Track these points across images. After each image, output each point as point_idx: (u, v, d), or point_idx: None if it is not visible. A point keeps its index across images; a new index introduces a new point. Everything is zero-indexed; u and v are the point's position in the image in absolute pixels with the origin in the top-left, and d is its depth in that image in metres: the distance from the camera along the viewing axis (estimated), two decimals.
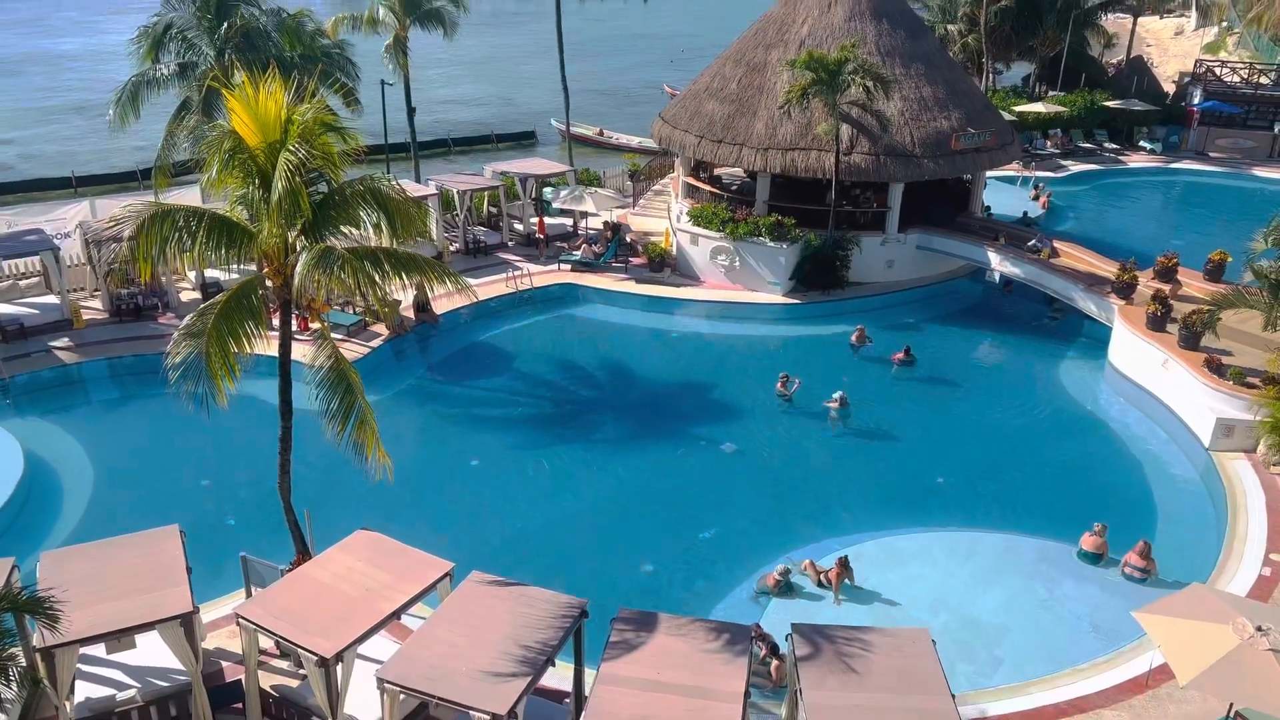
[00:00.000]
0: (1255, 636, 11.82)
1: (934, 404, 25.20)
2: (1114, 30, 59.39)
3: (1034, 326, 29.67)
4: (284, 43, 28.39)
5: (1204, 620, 12.39)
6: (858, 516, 20.11)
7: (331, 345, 14.94)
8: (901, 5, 34.70)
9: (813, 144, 30.34)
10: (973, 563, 18.45)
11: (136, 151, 45.94)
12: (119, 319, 27.01)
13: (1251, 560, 17.66)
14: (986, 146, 31.86)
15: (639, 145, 50.93)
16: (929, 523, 19.81)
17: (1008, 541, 19.10)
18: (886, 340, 27.56)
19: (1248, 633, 11.88)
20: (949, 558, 18.60)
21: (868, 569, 17.85)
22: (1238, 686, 11.80)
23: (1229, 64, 52.56)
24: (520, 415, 24.40)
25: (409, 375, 26.00)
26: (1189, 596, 13.41)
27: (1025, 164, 42.63)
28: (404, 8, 34.80)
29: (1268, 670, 11.54)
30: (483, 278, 30.42)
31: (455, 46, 38.44)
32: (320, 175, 14.48)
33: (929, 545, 19.01)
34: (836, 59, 28.52)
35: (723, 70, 33.58)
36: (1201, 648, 12.00)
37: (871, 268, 31.20)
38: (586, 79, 73.46)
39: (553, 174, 35.90)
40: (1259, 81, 48.93)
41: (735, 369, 27.30)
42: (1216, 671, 11.71)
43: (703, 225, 31.20)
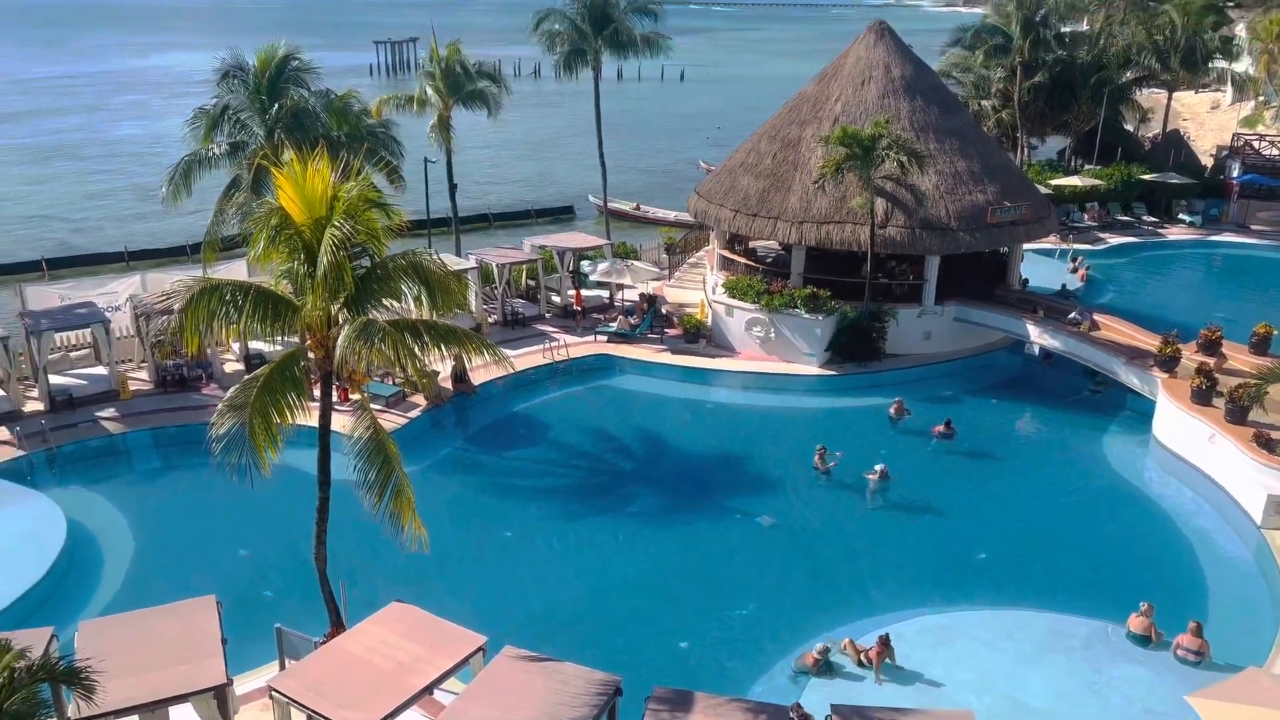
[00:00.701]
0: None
1: (975, 478, 24.82)
2: (1149, 105, 59.58)
3: (1075, 400, 29.28)
4: (331, 122, 29.30)
5: (1262, 706, 11.92)
6: (899, 594, 19.71)
7: (371, 416, 15.12)
8: (934, 82, 35.21)
9: (847, 217, 30.56)
10: (1017, 642, 17.94)
11: (186, 227, 47.37)
12: (164, 390, 27.54)
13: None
14: (1023, 219, 31.89)
15: (675, 219, 51.62)
16: (972, 601, 19.36)
17: (1053, 621, 18.57)
18: (925, 413, 27.31)
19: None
20: (993, 637, 18.10)
21: (909, 648, 17.42)
22: None
23: (1267, 137, 52.47)
24: (555, 486, 24.37)
25: (446, 446, 26.14)
26: (1245, 681, 12.93)
27: (1062, 237, 42.56)
28: (448, 89, 35.89)
29: None
30: (520, 349, 30.70)
31: (497, 124, 39.50)
32: (363, 250, 14.83)
33: (972, 624, 18.53)
34: (870, 134, 28.89)
35: (757, 146, 34.12)
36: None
37: (909, 340, 31.10)
38: (623, 156, 74.96)
39: (590, 247, 36.42)
40: None
41: (771, 441, 27.15)
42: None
43: (738, 297, 31.39)
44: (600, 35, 39.52)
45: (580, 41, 39.89)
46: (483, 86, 36.92)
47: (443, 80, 35.75)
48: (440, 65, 35.82)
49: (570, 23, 40.00)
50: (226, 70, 28.43)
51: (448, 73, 35.76)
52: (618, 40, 39.75)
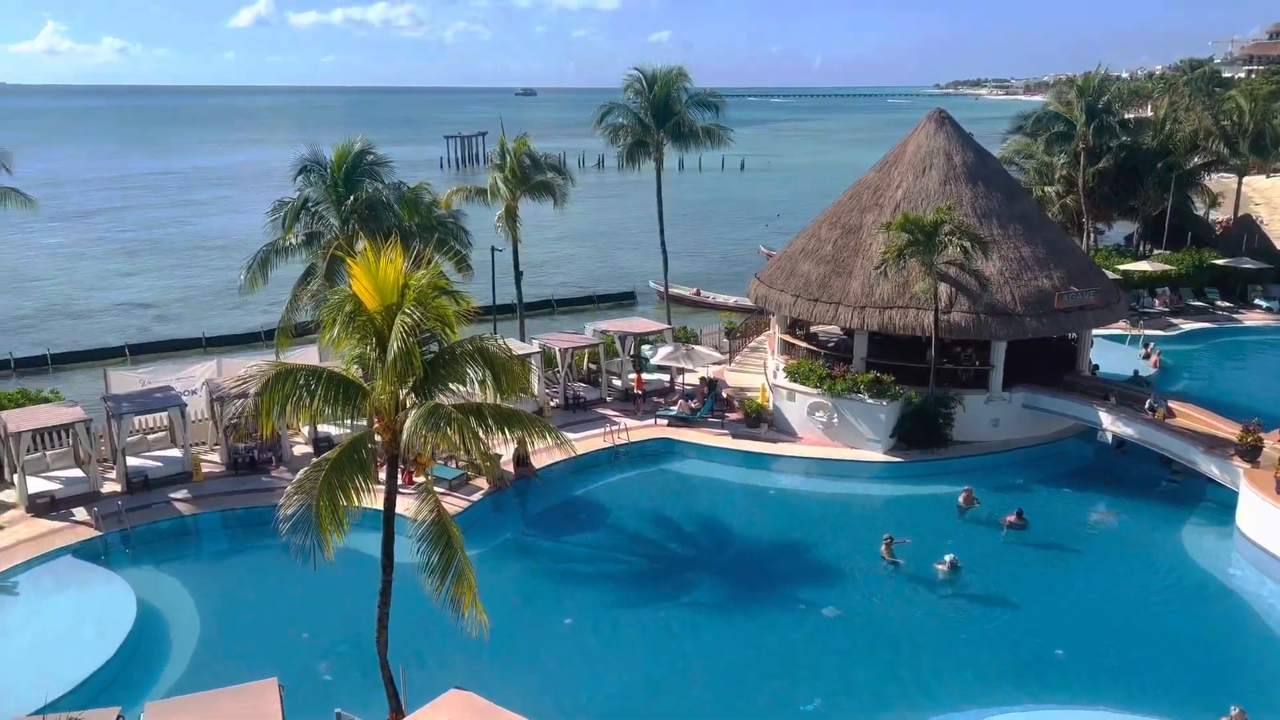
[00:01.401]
0: None
1: (1048, 570, 23.97)
2: (1218, 189, 58.77)
3: (1152, 490, 28.30)
4: (403, 213, 30.34)
5: None
6: (970, 690, 18.94)
7: (435, 499, 15.27)
8: (996, 168, 35.28)
9: (910, 302, 30.44)
10: None
11: (261, 315, 49.02)
12: (235, 472, 28.17)
13: None
14: (1091, 305, 31.41)
15: (735, 304, 51.91)
16: (1047, 699, 18.51)
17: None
18: (994, 502, 26.62)
19: None
20: None
21: None
22: None
23: None
24: (615, 572, 24.13)
25: (507, 530, 26.16)
26: None
27: (1133, 322, 41.74)
28: (516, 181, 36.98)
29: None
30: (581, 432, 30.84)
31: (561, 213, 40.52)
32: (432, 335, 15.18)
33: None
34: (932, 220, 28.95)
35: (818, 233, 34.36)
36: None
37: (976, 426, 30.51)
38: (684, 242, 76.07)
39: (650, 332, 36.74)
40: None
41: (836, 528, 26.62)
42: None
43: (800, 381, 31.24)
44: (662, 128, 40.51)
45: (643, 134, 40.92)
46: (549, 178, 37.96)
47: (511, 172, 36.88)
48: (508, 158, 37.00)
49: (634, 116, 41.11)
50: (305, 165, 29.74)
51: (515, 165, 36.91)
52: (679, 132, 40.68)
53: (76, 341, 49.51)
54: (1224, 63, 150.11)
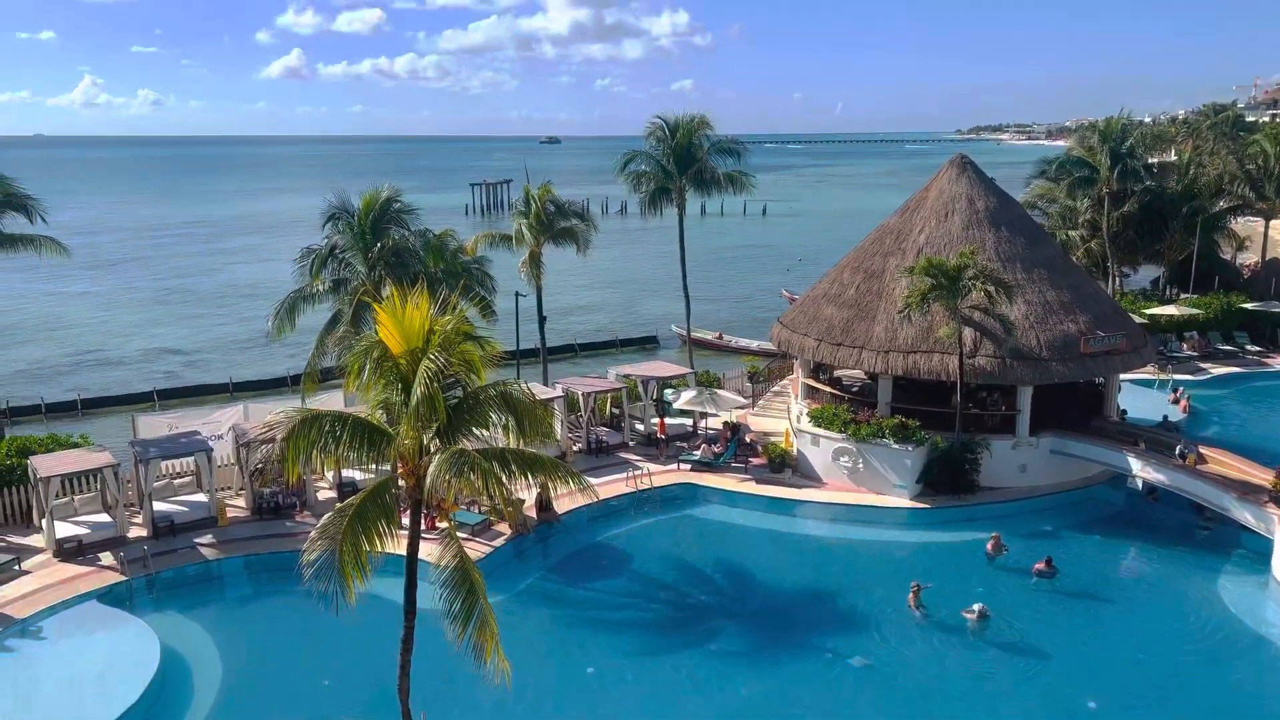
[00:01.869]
0: None
1: (1080, 619, 23.49)
2: (1245, 233, 58.40)
3: (1185, 537, 27.77)
4: (429, 259, 30.72)
5: None
6: None
7: (457, 544, 15.24)
8: (1019, 213, 35.25)
9: (934, 347, 30.30)
10: None
11: (287, 360, 49.50)
12: (260, 517, 28.27)
13: None
14: (1118, 350, 31.12)
15: (758, 348, 51.90)
16: None
17: None
18: (1023, 549, 26.22)
19: None
20: None
21: None
22: None
23: None
24: (639, 620, 23.90)
25: (529, 575, 26.01)
26: None
27: (1161, 367, 41.30)
28: (540, 227, 37.39)
29: None
30: (604, 477, 30.76)
31: (585, 258, 40.90)
32: (456, 380, 15.27)
33: None
34: (956, 265, 28.91)
35: (840, 277, 34.38)
36: None
37: (1003, 472, 30.16)
38: (706, 286, 76.24)
39: (673, 376, 36.76)
40: None
41: (862, 575, 26.27)
42: None
43: (824, 426, 31.07)
44: (684, 174, 40.92)
45: (665, 180, 41.33)
46: (572, 224, 38.37)
47: (535, 219, 37.31)
48: (533, 205, 37.46)
49: (656, 163, 41.57)
50: (333, 212, 30.23)
51: (540, 212, 37.35)
52: (701, 179, 41.08)
53: (106, 387, 50.17)
54: (1247, 106, 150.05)
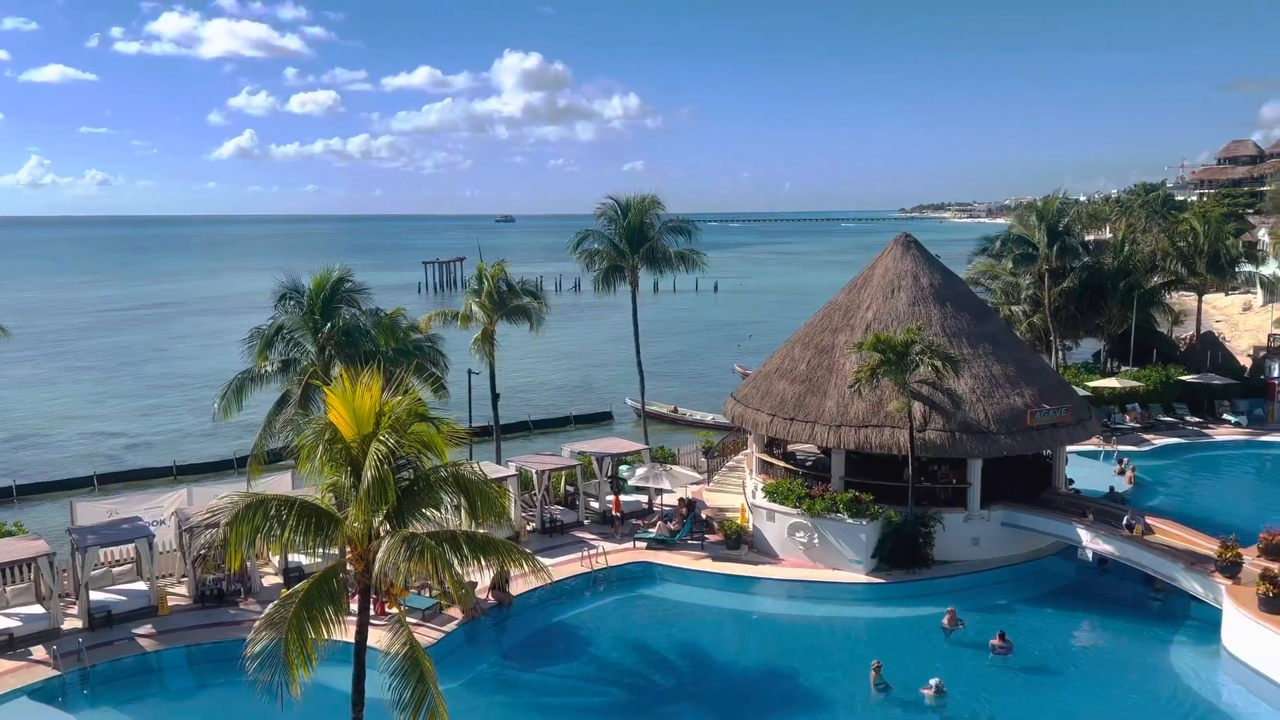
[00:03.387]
0: None
1: (1038, 694, 23.43)
2: (1181, 308, 60.43)
3: (1137, 609, 28.02)
4: (380, 338, 30.52)
5: None
6: None
7: (407, 631, 14.86)
8: (963, 290, 36.16)
9: (885, 421, 30.64)
10: None
11: (233, 443, 48.50)
12: (202, 605, 27.32)
13: None
14: (1063, 421, 31.73)
15: (713, 420, 52.04)
16: None
17: None
18: (980, 622, 26.22)
19: None
20: None
21: None
22: None
23: None
24: (595, 705, 23.35)
25: (481, 661, 25.37)
26: None
27: (1106, 438, 42.10)
28: (493, 305, 37.46)
29: None
30: (558, 557, 30.33)
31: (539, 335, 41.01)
32: (407, 462, 15.07)
33: None
34: (903, 340, 29.46)
35: (792, 353, 34.81)
36: None
37: (957, 545, 30.31)
38: (661, 362, 76.65)
39: (628, 452, 36.63)
40: None
41: (821, 653, 26.01)
42: None
43: (779, 501, 31.07)
44: (636, 252, 41.42)
45: (618, 259, 41.79)
46: (525, 302, 38.51)
47: (488, 297, 37.40)
48: (485, 283, 37.59)
49: (608, 242, 42.07)
50: (284, 292, 30.01)
51: (492, 290, 37.46)
52: (653, 257, 41.61)
53: (44, 472, 48.56)
54: (1176, 186, 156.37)
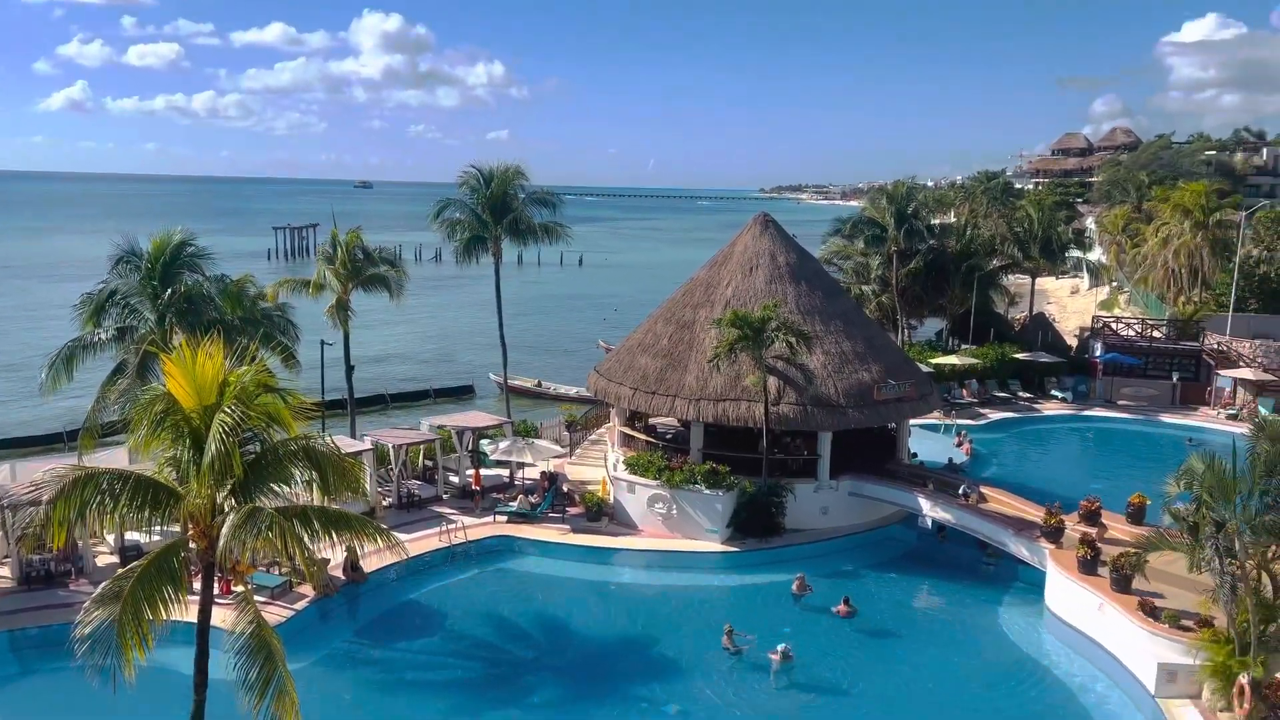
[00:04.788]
0: None
1: (879, 654, 24.68)
2: (1016, 290, 64.24)
3: (971, 572, 29.79)
4: (225, 307, 29.10)
5: None
6: None
7: (254, 610, 14.34)
8: (817, 269, 37.36)
9: (743, 395, 31.42)
10: None
11: (64, 414, 45.38)
12: (28, 587, 25.61)
13: None
14: (907, 396, 33.31)
15: (577, 394, 52.12)
16: None
17: None
18: (827, 588, 27.33)
19: None
20: None
21: None
22: None
23: (1124, 319, 56.84)
24: (452, 679, 23.18)
25: (335, 639, 24.76)
26: None
27: (946, 412, 44.43)
28: (347, 273, 36.26)
29: None
30: (416, 532, 29.85)
31: (397, 306, 39.95)
32: (254, 435, 14.49)
33: None
34: (760, 317, 30.22)
35: (654, 328, 35.19)
36: None
37: (807, 514, 31.47)
38: (524, 334, 76.19)
39: (490, 426, 36.31)
40: (1153, 335, 52.75)
41: (677, 621, 26.60)
42: None
43: (639, 473, 31.48)
44: (500, 224, 40.86)
45: (480, 229, 41.12)
46: (382, 271, 37.45)
47: (342, 265, 36.17)
48: (340, 250, 36.33)
49: (471, 211, 41.32)
50: (120, 256, 28.21)
51: (347, 258, 36.25)
52: (517, 228, 41.14)
53: None
54: (1015, 175, 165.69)
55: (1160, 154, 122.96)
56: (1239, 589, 19.86)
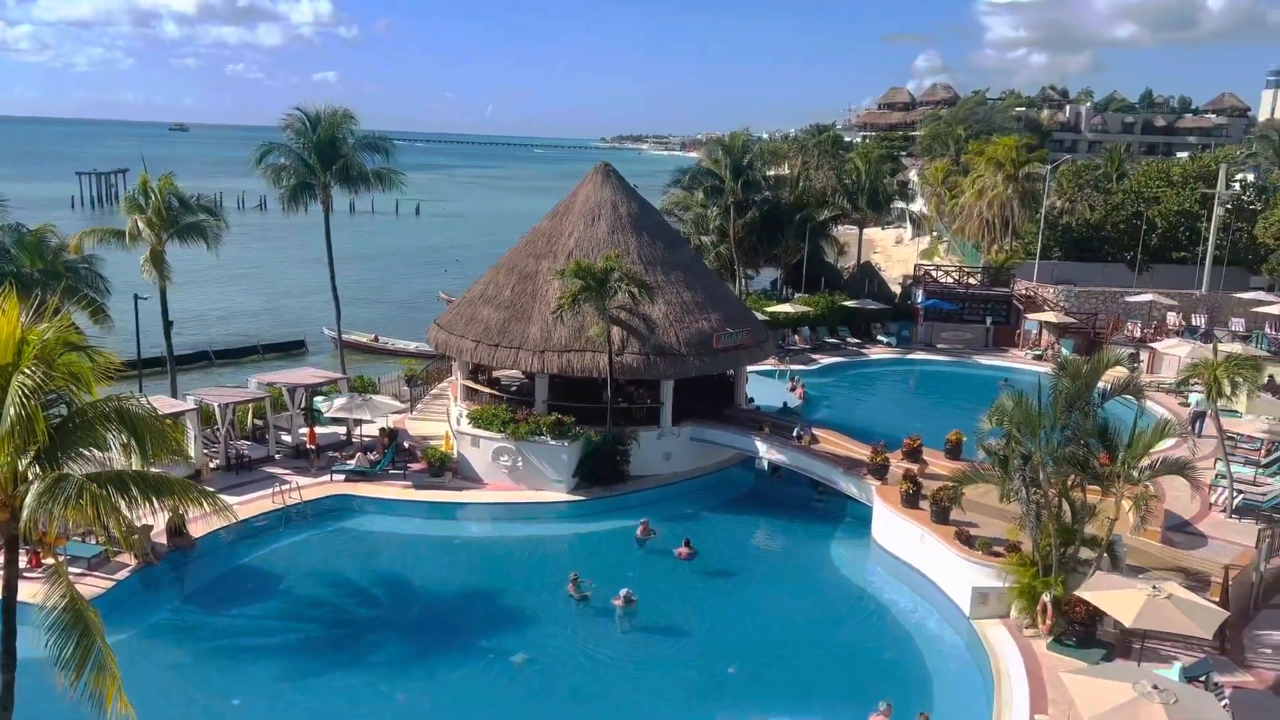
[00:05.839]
0: None
1: (719, 592, 25.57)
2: (845, 240, 66.84)
3: (804, 510, 31.16)
4: (23, 258, 26.75)
5: None
6: (654, 717, 19.64)
7: (66, 582, 13.41)
8: (658, 219, 37.65)
9: (587, 345, 31.49)
10: None
11: None
12: None
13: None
14: (745, 344, 34.25)
15: (416, 350, 50.93)
16: (725, 715, 19.64)
17: None
18: (670, 531, 28.02)
19: None
20: None
21: None
22: None
23: (943, 268, 60.18)
24: (290, 643, 22.47)
25: (162, 609, 23.53)
26: None
27: (781, 359, 46.00)
28: (161, 223, 33.89)
29: None
30: (247, 494, 28.63)
31: (221, 258, 37.73)
32: (59, 397, 13.41)
33: None
34: (603, 268, 30.26)
35: (496, 279, 34.67)
36: None
37: (651, 461, 32.04)
38: (359, 287, 73.65)
39: (323, 382, 35.04)
40: (969, 282, 56.14)
41: (523, 572, 26.69)
42: None
43: (483, 427, 31.17)
44: (329, 170, 39.08)
45: (308, 175, 39.20)
46: (200, 220, 35.22)
47: (155, 214, 33.76)
48: (153, 198, 33.87)
49: (297, 157, 39.28)
50: None
51: (160, 206, 33.85)
52: (348, 175, 39.45)
53: None
54: (844, 128, 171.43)
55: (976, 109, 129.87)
56: (1043, 516, 21.65)
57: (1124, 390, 23.13)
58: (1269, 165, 74.31)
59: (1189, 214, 58.23)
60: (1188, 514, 27.85)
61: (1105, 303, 52.50)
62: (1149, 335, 48.88)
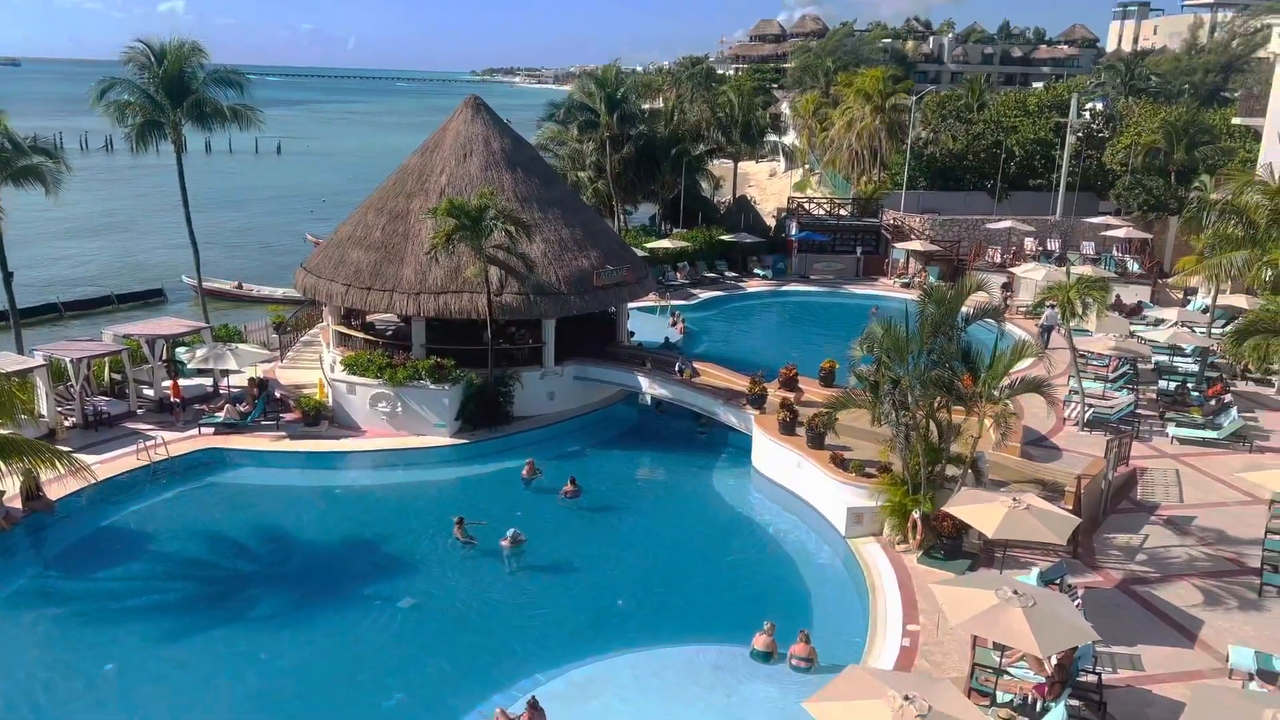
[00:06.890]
0: (904, 706, 13.02)
1: (605, 528, 25.88)
2: (721, 174, 67.18)
3: (687, 442, 31.70)
4: None
5: (861, 699, 13.47)
6: (545, 654, 19.83)
7: None
8: (533, 155, 36.97)
9: (464, 286, 30.88)
10: (660, 681, 18.80)
11: None
12: None
13: (893, 636, 19.58)
14: (625, 281, 34.23)
15: (283, 296, 49.04)
16: (615, 647, 19.99)
17: (688, 654, 19.72)
18: (556, 470, 28.09)
19: (897, 704, 13.07)
20: (636, 681, 18.82)
21: (559, 707, 17.55)
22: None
23: (815, 200, 61.29)
24: (163, 603, 21.65)
25: (20, 576, 22.27)
26: (847, 679, 14.52)
27: (661, 294, 46.27)
28: None
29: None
30: (108, 452, 27.26)
31: (63, 203, 35.15)
32: None
33: (616, 670, 19.15)
34: (477, 206, 29.57)
35: (365, 219, 33.51)
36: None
37: (534, 401, 31.91)
38: (220, 232, 70.31)
39: (185, 332, 33.41)
40: (839, 213, 57.42)
41: (407, 518, 26.33)
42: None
43: (359, 373, 30.37)
44: (179, 107, 36.73)
45: (156, 113, 36.76)
46: (36, 162, 32.67)
47: None
48: None
49: (142, 93, 36.73)
50: None
51: None
52: (200, 112, 37.17)
53: None
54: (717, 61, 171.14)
55: (844, 41, 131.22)
56: (911, 437, 22.62)
57: (985, 315, 24.21)
58: (1116, 94, 77.99)
59: (1044, 142, 60.83)
60: (1044, 429, 29.57)
61: (968, 230, 54.62)
62: (1009, 260, 51.18)
